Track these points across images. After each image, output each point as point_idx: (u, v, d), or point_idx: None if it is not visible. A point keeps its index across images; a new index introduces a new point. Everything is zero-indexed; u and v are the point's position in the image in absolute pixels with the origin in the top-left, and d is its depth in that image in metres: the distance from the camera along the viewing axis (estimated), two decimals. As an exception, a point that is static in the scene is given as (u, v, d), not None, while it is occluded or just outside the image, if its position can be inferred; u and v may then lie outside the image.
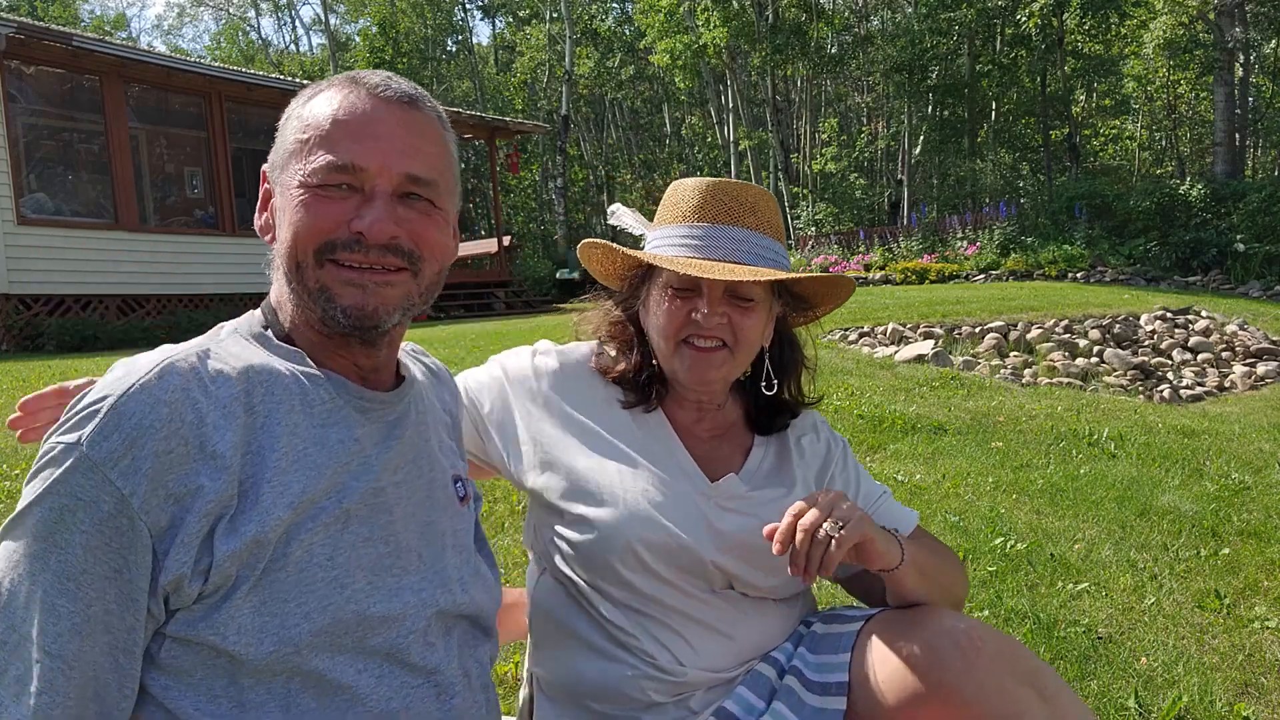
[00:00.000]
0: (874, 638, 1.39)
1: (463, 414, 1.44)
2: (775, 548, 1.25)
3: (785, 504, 1.42)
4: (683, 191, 1.50)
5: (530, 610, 1.56)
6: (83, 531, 0.90)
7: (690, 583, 1.42)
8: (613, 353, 1.58)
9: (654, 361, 1.53)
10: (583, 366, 1.56)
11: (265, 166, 1.11)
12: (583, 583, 1.44)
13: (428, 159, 1.07)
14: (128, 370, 0.96)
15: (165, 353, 0.99)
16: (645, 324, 1.53)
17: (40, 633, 0.90)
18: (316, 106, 1.06)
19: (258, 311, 1.14)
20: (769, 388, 1.54)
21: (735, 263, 1.42)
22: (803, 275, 1.51)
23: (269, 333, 1.09)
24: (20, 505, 0.93)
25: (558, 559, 1.47)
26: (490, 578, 1.27)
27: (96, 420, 0.91)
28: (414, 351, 1.36)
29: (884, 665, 1.35)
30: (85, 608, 0.91)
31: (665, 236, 1.49)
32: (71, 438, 0.91)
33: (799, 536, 1.24)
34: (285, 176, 1.06)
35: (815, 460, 1.59)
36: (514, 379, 1.53)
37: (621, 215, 1.66)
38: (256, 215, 1.12)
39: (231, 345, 1.05)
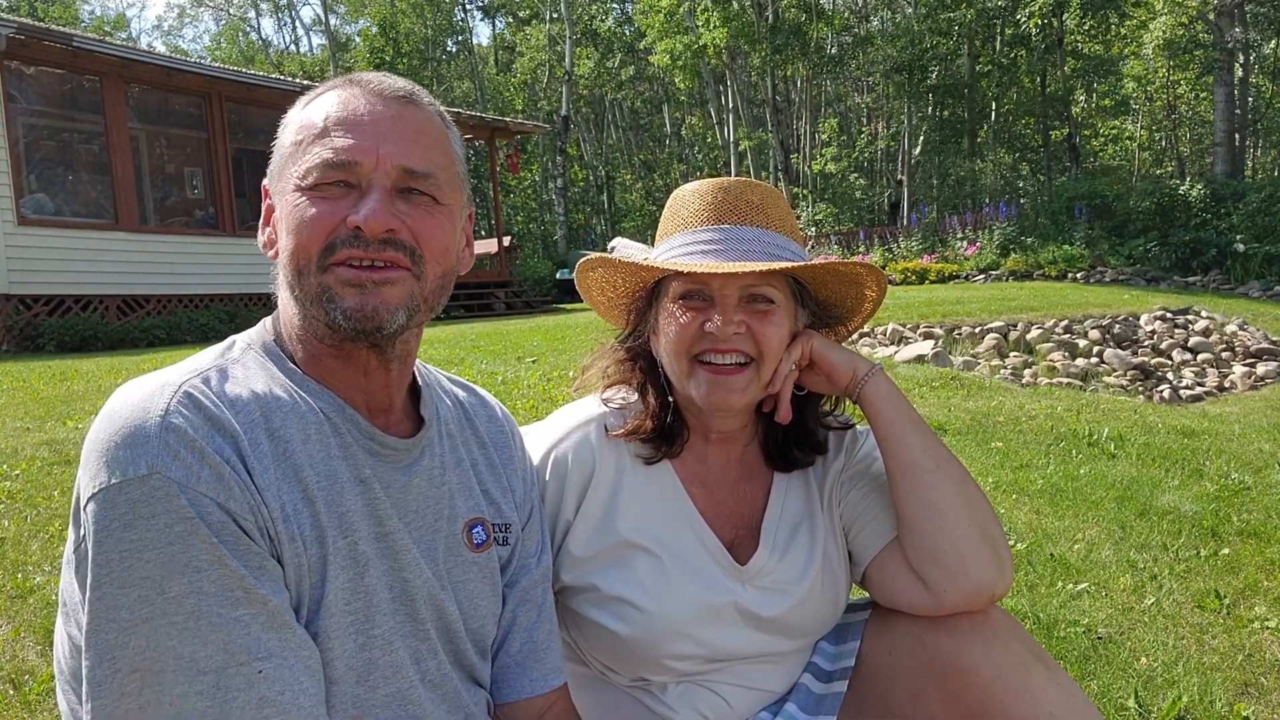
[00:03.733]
0: (884, 617, 1.39)
1: (516, 465, 1.30)
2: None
3: (815, 562, 1.41)
4: (685, 198, 1.38)
5: None
6: (211, 545, 0.87)
7: (729, 662, 1.38)
8: (629, 399, 1.43)
9: (671, 398, 1.39)
10: (587, 454, 1.39)
11: (265, 181, 1.08)
12: (609, 670, 1.41)
13: (424, 152, 1.03)
14: (149, 395, 0.92)
15: (183, 372, 0.96)
16: (657, 352, 1.38)
17: (241, 650, 0.87)
18: (311, 109, 1.04)
19: (269, 323, 1.10)
20: (782, 418, 1.39)
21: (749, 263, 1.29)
22: (828, 263, 1.35)
23: (281, 351, 1.06)
24: (117, 565, 0.86)
25: (578, 645, 1.42)
26: (494, 616, 1.21)
27: (154, 447, 0.87)
28: (452, 382, 1.28)
29: (890, 641, 1.35)
30: (262, 605, 0.89)
31: (670, 248, 1.36)
32: (139, 470, 0.86)
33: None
34: (282, 184, 1.03)
35: (834, 469, 1.47)
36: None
37: (624, 247, 1.54)
38: (260, 232, 1.08)
39: (247, 363, 1.02)
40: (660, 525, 1.38)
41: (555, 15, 33.82)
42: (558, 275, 21.14)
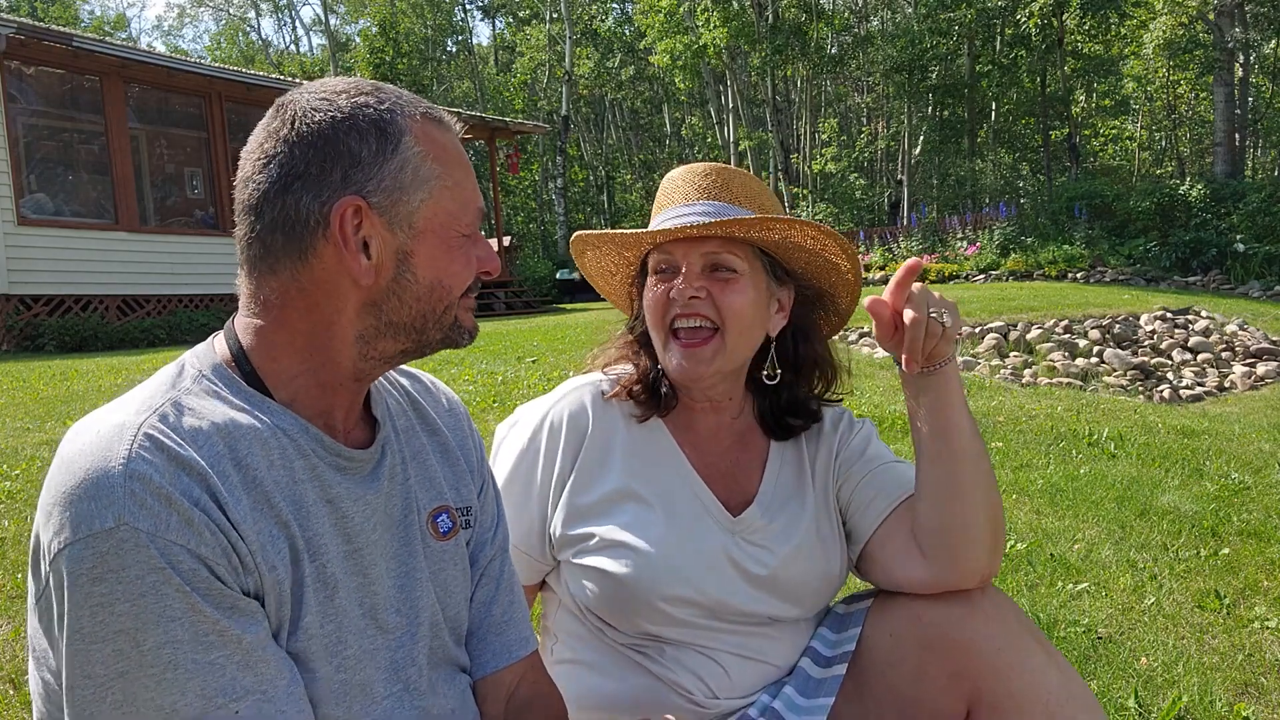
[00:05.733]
0: (885, 602, 1.41)
1: (470, 441, 1.31)
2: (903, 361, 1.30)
3: (801, 528, 1.43)
4: (664, 183, 1.50)
5: (543, 631, 1.53)
6: (185, 593, 0.86)
7: (727, 624, 1.40)
8: (626, 370, 1.51)
9: (661, 367, 1.46)
10: (582, 413, 1.46)
11: (360, 201, 0.98)
12: (606, 625, 1.42)
13: None
14: (108, 441, 0.89)
15: (138, 410, 0.93)
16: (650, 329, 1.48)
17: (217, 692, 0.86)
18: (443, 146, 1.05)
19: (220, 343, 1.06)
20: (769, 378, 1.46)
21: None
22: (762, 218, 1.37)
23: (236, 374, 1.02)
24: (87, 620, 0.84)
25: (577, 600, 1.43)
26: (465, 604, 1.22)
27: (119, 497, 0.85)
28: (396, 371, 1.27)
29: (891, 624, 1.37)
30: (236, 645, 0.88)
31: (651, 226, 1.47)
32: (106, 523, 0.85)
33: (910, 335, 1.26)
34: (428, 222, 1.02)
35: (824, 451, 1.51)
36: (520, 471, 1.44)
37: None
38: (354, 255, 0.99)
39: (200, 392, 0.99)
40: (655, 477, 1.43)
41: (555, 15, 33.81)
42: (558, 275, 21.13)
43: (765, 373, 1.46)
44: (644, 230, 1.42)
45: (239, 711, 0.87)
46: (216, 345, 1.06)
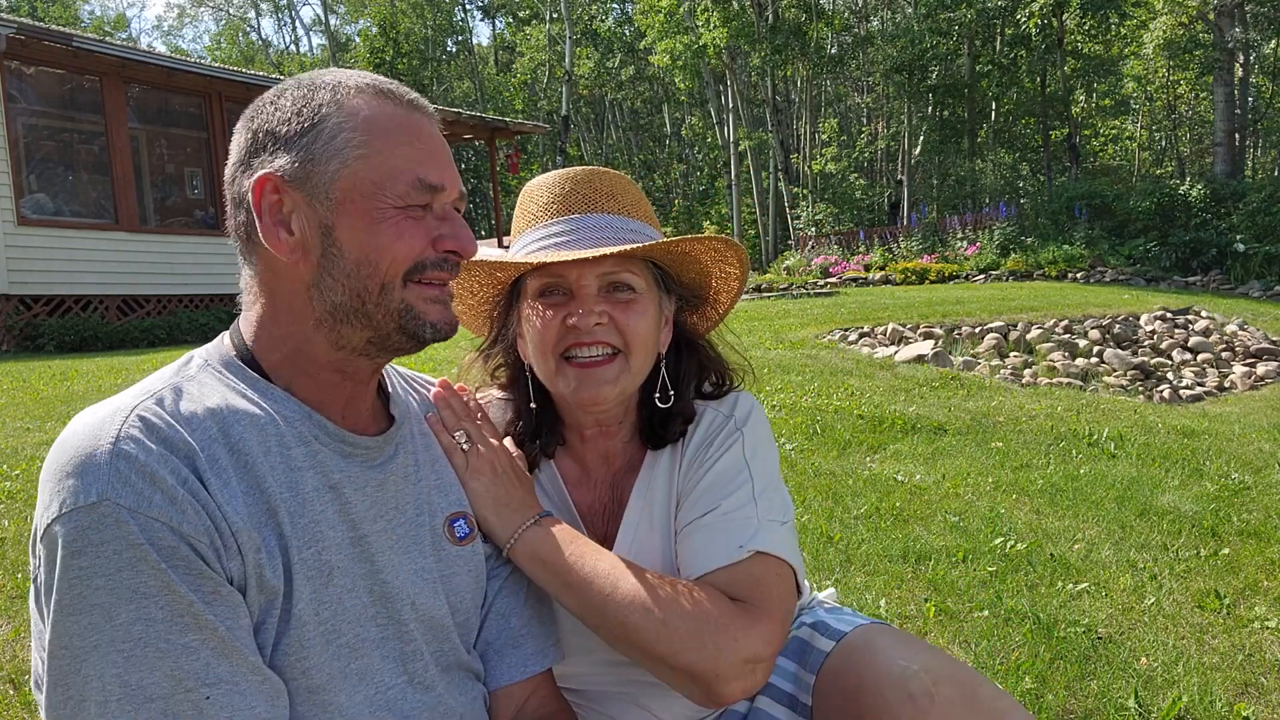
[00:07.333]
0: (834, 678, 1.24)
1: None
2: None
3: (659, 558, 1.31)
4: (533, 193, 1.34)
5: None
6: (159, 571, 0.86)
7: (626, 666, 1.27)
8: (501, 411, 1.38)
9: (533, 405, 1.33)
10: None
11: (273, 174, 0.99)
12: None
13: (458, 172, 1.10)
14: (101, 421, 0.91)
15: (136, 395, 0.95)
16: (525, 355, 1.33)
17: (188, 675, 0.86)
18: (371, 118, 1.00)
19: (227, 337, 1.08)
20: (664, 401, 1.32)
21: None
22: (676, 240, 1.26)
23: (242, 363, 1.04)
24: (66, 593, 0.85)
25: None
26: (491, 614, 1.22)
27: (104, 474, 0.86)
28: (420, 381, 1.30)
29: (840, 691, 1.21)
30: (211, 632, 0.88)
31: (523, 245, 1.31)
32: (89, 498, 0.85)
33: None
34: (346, 193, 0.98)
35: (683, 463, 1.33)
36: None
37: (483, 253, 1.37)
38: (270, 230, 1.00)
39: (204, 380, 1.01)
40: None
41: (555, 15, 33.82)
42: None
43: (657, 396, 1.32)
44: (551, 257, 1.24)
45: (209, 697, 0.87)
46: (225, 339, 1.08)
